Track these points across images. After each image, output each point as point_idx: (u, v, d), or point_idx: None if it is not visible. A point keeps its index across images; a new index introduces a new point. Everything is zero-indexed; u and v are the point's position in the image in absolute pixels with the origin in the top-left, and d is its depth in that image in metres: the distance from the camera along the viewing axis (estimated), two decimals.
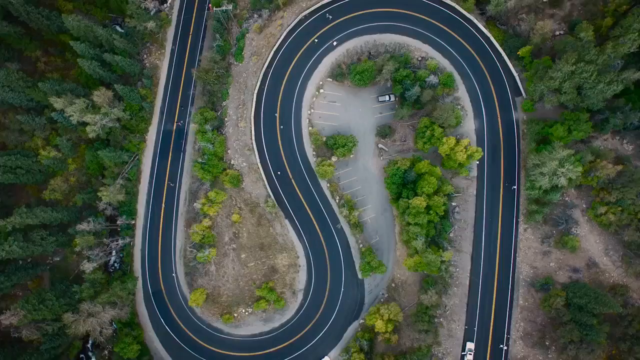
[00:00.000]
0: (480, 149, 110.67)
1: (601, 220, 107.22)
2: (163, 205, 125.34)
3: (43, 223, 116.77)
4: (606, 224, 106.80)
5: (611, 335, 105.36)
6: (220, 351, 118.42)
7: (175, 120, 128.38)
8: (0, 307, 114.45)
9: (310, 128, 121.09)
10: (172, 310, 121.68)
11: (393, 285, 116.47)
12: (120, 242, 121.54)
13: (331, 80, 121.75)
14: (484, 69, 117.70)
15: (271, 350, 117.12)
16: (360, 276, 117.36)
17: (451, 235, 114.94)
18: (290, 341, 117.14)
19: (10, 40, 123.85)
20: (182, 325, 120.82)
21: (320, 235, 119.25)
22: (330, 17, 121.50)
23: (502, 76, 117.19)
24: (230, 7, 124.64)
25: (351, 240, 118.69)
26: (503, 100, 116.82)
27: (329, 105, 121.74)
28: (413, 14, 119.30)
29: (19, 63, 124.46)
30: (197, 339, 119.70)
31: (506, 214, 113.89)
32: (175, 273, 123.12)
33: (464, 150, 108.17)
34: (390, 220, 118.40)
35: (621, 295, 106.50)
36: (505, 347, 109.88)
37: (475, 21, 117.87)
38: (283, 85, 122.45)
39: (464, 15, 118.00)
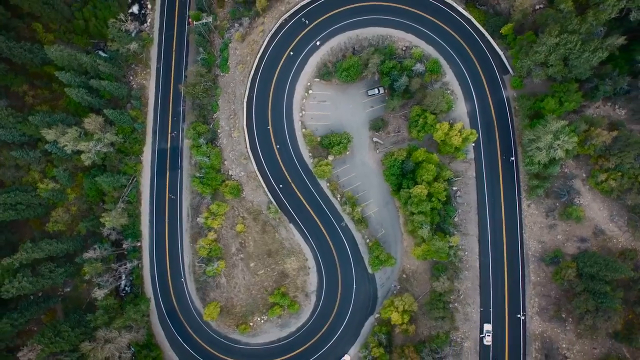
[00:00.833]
0: (474, 131, 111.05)
1: (602, 187, 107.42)
2: (166, 222, 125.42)
3: (49, 255, 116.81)
4: (608, 190, 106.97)
5: (626, 300, 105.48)
6: None
7: (169, 132, 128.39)
8: (17, 344, 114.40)
9: (303, 130, 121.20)
10: (187, 327, 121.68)
11: (404, 276, 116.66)
12: (128, 265, 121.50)
13: (319, 80, 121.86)
14: (469, 51, 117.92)
15: (291, 354, 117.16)
16: (370, 271, 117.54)
17: (456, 219, 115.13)
18: (309, 344, 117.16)
19: None
20: (199, 340, 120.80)
21: (326, 235, 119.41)
22: (307, 21, 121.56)
23: (488, 56, 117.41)
24: (210, 19, 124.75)
25: (357, 237, 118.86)
26: (491, 80, 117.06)
27: (320, 105, 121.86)
28: (391, 4, 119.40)
29: (7, 99, 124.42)
30: (216, 352, 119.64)
31: (508, 192, 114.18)
32: (187, 289, 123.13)
33: (459, 134, 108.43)
34: (393, 212, 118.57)
35: (631, 259, 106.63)
36: (523, 317, 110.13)
37: (455, 4, 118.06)
38: (272, 90, 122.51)
39: None
